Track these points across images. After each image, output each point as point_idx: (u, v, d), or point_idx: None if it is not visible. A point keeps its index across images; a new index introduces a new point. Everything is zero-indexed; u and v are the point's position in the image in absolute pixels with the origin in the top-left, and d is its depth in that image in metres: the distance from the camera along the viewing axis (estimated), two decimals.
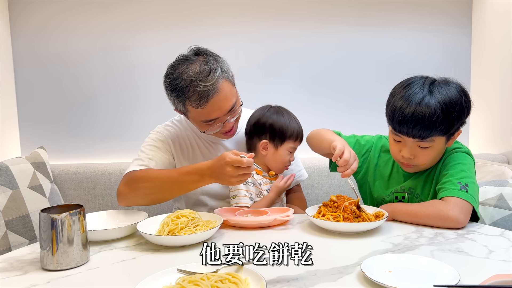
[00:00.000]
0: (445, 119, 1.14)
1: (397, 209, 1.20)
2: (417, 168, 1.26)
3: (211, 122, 1.30)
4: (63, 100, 2.12)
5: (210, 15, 2.10)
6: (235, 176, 1.12)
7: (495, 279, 0.67)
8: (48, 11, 2.07)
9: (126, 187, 1.28)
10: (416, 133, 1.15)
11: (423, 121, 1.13)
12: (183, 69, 1.25)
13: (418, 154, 1.20)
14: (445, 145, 1.23)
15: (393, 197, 1.33)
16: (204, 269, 0.80)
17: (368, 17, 2.13)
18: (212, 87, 1.23)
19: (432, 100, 1.14)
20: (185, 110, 1.31)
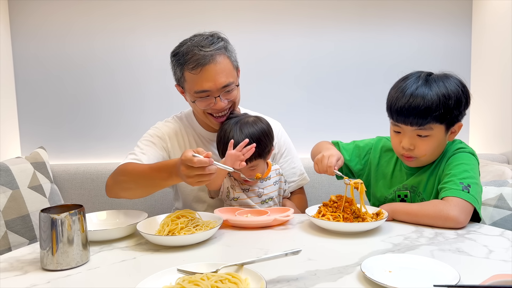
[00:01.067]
0: (442, 106, 1.15)
1: (397, 209, 1.20)
2: (418, 161, 1.25)
3: (203, 93, 1.31)
4: (63, 100, 2.12)
5: (210, 14, 2.10)
6: (191, 176, 1.04)
7: (495, 279, 0.67)
8: (48, 11, 2.07)
9: (111, 179, 1.31)
10: (413, 120, 1.17)
11: (419, 107, 1.15)
12: (192, 38, 1.34)
13: (417, 144, 1.20)
14: (446, 137, 1.22)
15: (396, 195, 1.33)
16: (204, 269, 0.80)
17: (369, 17, 2.13)
18: (210, 53, 1.28)
19: (428, 88, 1.17)
20: (182, 78, 1.33)
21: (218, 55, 1.30)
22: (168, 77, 2.11)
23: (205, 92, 1.31)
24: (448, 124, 1.20)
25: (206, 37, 1.33)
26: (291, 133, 1.70)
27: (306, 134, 2.14)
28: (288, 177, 1.53)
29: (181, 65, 1.32)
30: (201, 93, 1.31)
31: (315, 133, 2.16)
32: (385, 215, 1.14)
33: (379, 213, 1.18)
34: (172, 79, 1.88)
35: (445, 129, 1.20)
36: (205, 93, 1.31)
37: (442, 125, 1.19)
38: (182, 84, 1.37)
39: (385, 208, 1.21)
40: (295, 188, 1.56)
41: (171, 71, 1.41)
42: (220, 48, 1.31)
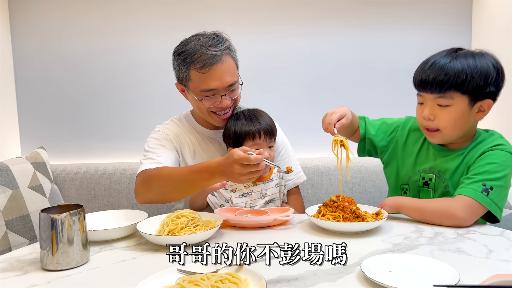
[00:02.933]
0: (464, 74, 1.12)
1: (403, 203, 1.19)
2: (441, 136, 1.22)
3: (209, 92, 1.33)
4: (63, 100, 2.13)
5: (210, 14, 2.10)
6: (244, 174, 1.11)
7: (495, 279, 0.67)
8: (48, 11, 2.07)
9: (142, 186, 1.31)
10: (433, 86, 1.15)
11: (440, 73, 1.14)
12: (195, 38, 1.35)
13: (438, 114, 1.18)
14: (470, 112, 1.18)
15: (420, 177, 1.29)
16: (204, 269, 0.80)
17: (369, 17, 2.13)
18: (218, 53, 1.31)
19: (453, 59, 1.15)
20: (188, 77, 1.35)
21: (224, 55, 1.33)
22: (168, 77, 2.12)
23: (212, 90, 1.33)
24: (472, 97, 1.15)
25: (212, 37, 1.35)
26: (291, 133, 1.70)
27: (305, 134, 2.14)
28: (285, 176, 1.54)
29: (187, 64, 1.33)
30: (207, 92, 1.34)
31: (314, 133, 2.16)
32: (385, 215, 1.14)
33: (379, 213, 1.18)
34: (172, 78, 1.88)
35: (469, 101, 1.16)
36: (211, 91, 1.34)
37: (465, 96, 1.15)
38: (186, 82, 1.38)
39: (392, 200, 1.20)
40: (292, 186, 1.56)
41: (173, 69, 1.42)
42: (226, 48, 1.35)
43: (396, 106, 2.12)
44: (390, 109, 2.13)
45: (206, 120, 1.45)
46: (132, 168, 1.96)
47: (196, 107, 1.43)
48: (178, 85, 1.44)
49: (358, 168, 1.89)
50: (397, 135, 1.40)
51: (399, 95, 2.14)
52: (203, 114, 1.42)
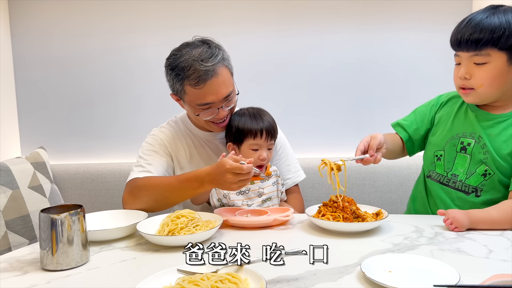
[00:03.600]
0: (502, 30, 1.08)
1: (476, 219, 1.10)
2: (476, 95, 1.17)
3: (206, 106, 1.32)
4: (63, 100, 2.13)
5: (209, 15, 2.09)
6: (235, 182, 1.13)
7: (495, 279, 0.67)
8: (48, 11, 2.07)
9: (130, 196, 1.30)
10: (469, 44, 1.12)
11: (475, 30, 1.10)
12: (187, 51, 1.31)
13: (474, 72, 1.14)
14: (509, 69, 1.13)
15: (459, 141, 1.24)
16: (204, 269, 0.80)
17: (368, 17, 2.12)
18: (212, 68, 1.28)
19: (490, 15, 1.11)
20: (182, 91, 1.33)
21: (218, 68, 1.30)
22: None
23: (208, 104, 1.32)
24: (511, 53, 1.10)
25: (204, 50, 1.31)
26: (290, 133, 1.70)
27: (305, 134, 2.14)
28: (283, 174, 1.54)
29: (181, 79, 1.31)
30: (204, 106, 1.33)
31: (314, 133, 2.16)
32: (385, 215, 1.14)
33: (379, 213, 1.18)
34: None
35: (508, 58, 1.11)
36: (208, 105, 1.32)
37: (503, 53, 1.10)
38: (181, 96, 1.36)
39: (463, 219, 1.10)
40: (291, 185, 1.56)
41: (167, 81, 1.39)
42: (220, 60, 1.31)
43: (396, 105, 2.12)
44: (390, 109, 2.13)
45: (204, 127, 1.46)
46: (132, 168, 1.96)
47: (193, 118, 1.43)
48: (173, 96, 1.42)
49: (358, 168, 1.89)
50: (435, 114, 1.37)
51: (400, 94, 2.14)
52: (201, 123, 1.43)
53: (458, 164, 1.25)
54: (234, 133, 1.40)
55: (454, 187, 1.25)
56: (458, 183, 1.24)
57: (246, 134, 1.37)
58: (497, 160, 1.18)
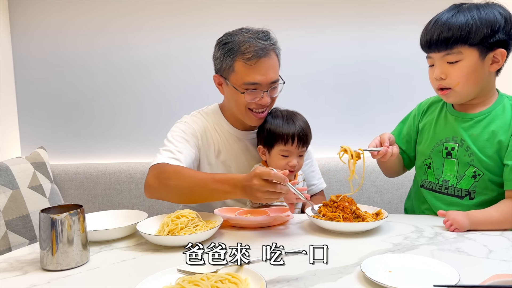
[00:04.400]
0: (470, 26, 1.08)
1: (478, 221, 1.10)
2: (456, 95, 1.17)
3: (252, 85, 1.29)
4: (63, 100, 2.13)
5: (210, 14, 2.10)
6: (262, 191, 1.03)
7: (495, 279, 0.67)
8: (48, 11, 2.07)
9: (156, 181, 1.23)
10: (439, 44, 1.12)
11: (443, 30, 1.11)
12: (243, 30, 1.32)
13: (448, 72, 1.14)
14: (483, 64, 1.12)
15: (443, 147, 1.24)
16: (204, 269, 0.80)
17: (369, 17, 2.13)
18: (267, 47, 1.28)
19: (456, 13, 1.12)
20: (231, 68, 1.30)
21: (272, 51, 1.31)
22: (169, 77, 2.13)
23: (255, 84, 1.29)
24: (482, 48, 1.10)
25: (261, 31, 1.32)
26: None
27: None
28: (309, 180, 1.53)
29: (234, 53, 1.28)
30: (250, 85, 1.29)
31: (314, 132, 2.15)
32: (385, 215, 1.14)
33: (379, 213, 1.18)
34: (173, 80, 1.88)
35: (479, 53, 1.11)
36: (254, 85, 1.29)
37: (474, 49, 1.10)
38: (227, 74, 1.33)
39: (464, 221, 1.10)
40: (316, 191, 1.55)
41: (214, 60, 1.38)
42: (275, 43, 1.33)
43: (396, 105, 2.12)
44: (389, 109, 2.13)
45: (240, 117, 1.39)
46: (132, 168, 1.97)
47: (234, 101, 1.35)
48: (216, 77, 1.39)
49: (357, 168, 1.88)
50: (417, 122, 1.37)
51: (399, 94, 2.14)
52: (239, 109, 1.36)
53: (447, 169, 1.24)
54: (265, 136, 1.36)
55: (447, 193, 1.24)
56: (450, 188, 1.23)
57: (277, 139, 1.33)
58: (483, 160, 1.17)
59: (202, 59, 2.11)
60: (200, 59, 2.11)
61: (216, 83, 1.41)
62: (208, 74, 2.14)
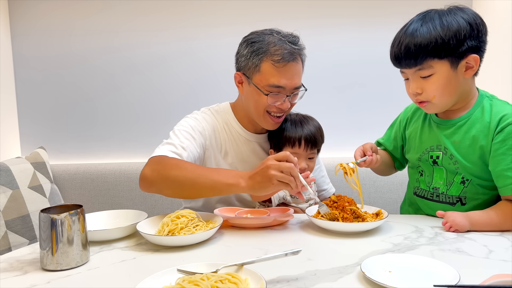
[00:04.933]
0: (435, 39, 1.06)
1: (477, 222, 1.10)
2: (435, 106, 1.16)
3: (276, 89, 1.27)
4: (63, 100, 2.13)
5: (210, 14, 2.10)
6: (278, 172, 1.03)
7: (495, 279, 0.67)
8: (48, 11, 2.07)
9: (154, 172, 1.17)
10: (408, 61, 1.10)
11: (409, 46, 1.08)
12: (272, 31, 1.30)
13: (423, 86, 1.12)
14: (457, 73, 1.10)
15: (429, 156, 1.23)
16: (204, 269, 0.80)
17: (368, 17, 2.13)
18: (297, 51, 1.27)
19: (420, 25, 1.09)
20: (257, 68, 1.27)
21: (299, 56, 1.29)
22: (168, 77, 2.13)
23: (279, 88, 1.27)
24: (452, 58, 1.08)
25: (292, 35, 1.30)
26: None
27: None
28: (319, 186, 1.53)
29: (262, 53, 1.26)
30: (275, 88, 1.27)
31: None
32: (385, 215, 1.14)
33: (379, 213, 1.18)
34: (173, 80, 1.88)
35: (450, 64, 1.09)
36: (278, 88, 1.27)
37: (444, 61, 1.09)
38: (251, 73, 1.29)
39: (463, 221, 1.10)
40: (327, 196, 1.54)
41: (238, 57, 1.34)
42: (302, 49, 1.31)
43: (395, 105, 2.11)
44: (389, 108, 2.12)
45: (256, 119, 1.35)
46: (132, 168, 1.97)
47: (254, 101, 1.31)
48: (238, 75, 1.35)
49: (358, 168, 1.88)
50: (403, 128, 1.38)
51: (399, 94, 2.13)
52: (258, 111, 1.32)
53: (437, 176, 1.24)
54: (276, 140, 1.37)
55: (439, 200, 1.24)
56: (441, 195, 1.23)
57: (284, 142, 1.34)
58: (468, 167, 1.17)
59: (202, 60, 2.12)
60: (200, 59, 2.11)
61: (236, 81, 1.37)
62: (208, 74, 2.15)
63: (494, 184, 1.15)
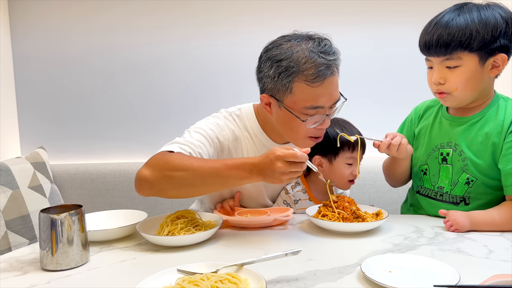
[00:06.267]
0: (469, 31, 1.05)
1: (478, 222, 1.10)
2: (454, 99, 1.14)
3: (314, 110, 1.09)
4: (63, 100, 2.13)
5: (211, 14, 2.09)
6: (286, 173, 0.96)
7: (495, 279, 0.67)
8: (48, 10, 2.07)
9: (155, 173, 1.05)
10: (438, 49, 1.09)
11: (443, 34, 1.07)
12: (298, 42, 1.09)
13: (447, 77, 1.11)
14: (483, 70, 1.10)
15: (439, 153, 1.22)
16: (204, 269, 0.80)
17: (369, 17, 2.12)
18: (333, 63, 1.09)
19: (456, 15, 1.09)
20: (289, 89, 1.08)
21: (336, 65, 1.11)
22: (168, 77, 2.13)
23: (318, 108, 1.09)
24: (482, 53, 1.07)
25: (323, 42, 1.10)
26: None
27: None
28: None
29: (293, 74, 1.06)
30: (311, 110, 1.09)
31: None
32: (385, 215, 1.14)
33: (379, 213, 1.18)
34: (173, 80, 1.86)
35: (479, 59, 1.08)
36: (316, 110, 1.09)
37: (474, 54, 1.08)
38: (282, 96, 1.10)
39: (464, 221, 1.09)
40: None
41: (262, 77, 1.15)
42: (338, 57, 1.12)
43: (395, 105, 2.12)
44: (389, 108, 2.13)
45: (291, 141, 1.22)
46: (132, 168, 1.97)
47: (290, 128, 1.15)
48: (265, 97, 1.15)
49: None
50: (414, 127, 1.36)
51: (399, 94, 2.14)
52: (295, 136, 1.16)
53: (443, 175, 1.23)
54: (326, 145, 1.29)
55: (442, 199, 1.23)
56: (445, 195, 1.23)
57: (342, 147, 1.29)
58: (478, 164, 1.16)
59: (203, 60, 2.11)
60: (201, 59, 2.11)
61: (262, 103, 1.18)
62: (208, 74, 2.15)
63: (500, 184, 1.15)
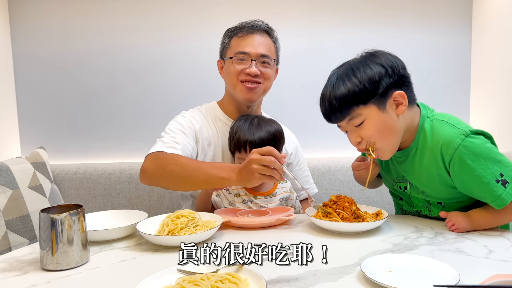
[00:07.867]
0: (354, 92, 1.07)
1: (480, 222, 1.11)
2: (383, 151, 1.13)
3: (242, 55, 1.40)
4: (63, 100, 2.13)
5: (211, 15, 2.10)
6: (258, 164, 1.10)
7: (495, 279, 0.67)
8: (48, 11, 2.07)
9: (154, 165, 1.27)
10: (337, 116, 1.11)
11: (332, 101, 1.09)
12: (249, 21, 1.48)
13: (361, 134, 1.11)
14: (388, 113, 1.09)
15: (398, 186, 1.27)
16: (204, 269, 0.80)
17: (369, 17, 2.13)
18: (261, 28, 1.44)
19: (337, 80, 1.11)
20: (228, 46, 1.46)
21: (267, 34, 1.45)
22: (168, 77, 2.13)
23: (244, 54, 1.40)
24: (376, 101, 1.08)
25: (265, 23, 1.47)
26: None
27: (305, 134, 2.14)
28: (303, 184, 1.55)
29: (232, 33, 1.45)
30: (240, 54, 1.40)
31: (315, 133, 2.16)
32: (385, 215, 1.14)
33: (379, 213, 1.18)
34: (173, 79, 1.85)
35: (378, 107, 1.08)
36: (243, 55, 1.40)
37: (370, 105, 1.08)
38: (225, 52, 1.46)
39: (465, 222, 1.11)
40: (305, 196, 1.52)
41: (220, 48, 1.51)
42: (269, 28, 1.46)
43: None
44: None
45: (233, 93, 1.45)
46: (132, 168, 1.97)
47: (228, 74, 1.44)
48: (219, 62, 1.51)
49: None
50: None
51: None
52: (232, 81, 1.43)
53: (416, 200, 1.26)
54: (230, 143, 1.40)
55: (426, 217, 1.26)
56: (424, 216, 1.26)
57: (233, 147, 1.36)
58: (435, 196, 1.19)
59: (202, 59, 2.11)
60: (200, 59, 2.11)
61: (219, 68, 1.52)
62: (208, 74, 2.15)
63: (469, 197, 1.15)
